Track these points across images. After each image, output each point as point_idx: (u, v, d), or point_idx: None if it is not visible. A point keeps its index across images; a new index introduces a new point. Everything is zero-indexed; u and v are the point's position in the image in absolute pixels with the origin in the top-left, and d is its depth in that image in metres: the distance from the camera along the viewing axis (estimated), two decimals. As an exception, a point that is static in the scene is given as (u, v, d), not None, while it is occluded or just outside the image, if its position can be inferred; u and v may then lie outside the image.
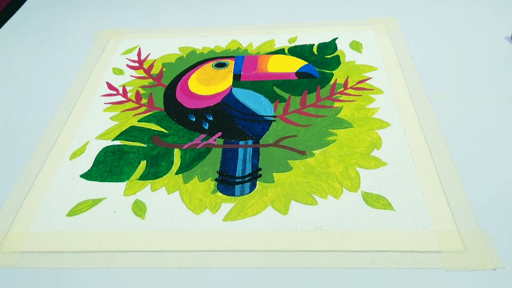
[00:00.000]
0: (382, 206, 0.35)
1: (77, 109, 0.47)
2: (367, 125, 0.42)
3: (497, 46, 0.51)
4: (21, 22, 0.65)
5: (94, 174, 0.40)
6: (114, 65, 0.54)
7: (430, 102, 0.44)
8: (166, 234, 0.35)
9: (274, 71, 0.50)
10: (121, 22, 0.62)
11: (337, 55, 0.52)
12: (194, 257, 0.33)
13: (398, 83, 0.47)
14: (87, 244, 0.34)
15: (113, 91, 0.50)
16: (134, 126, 0.45)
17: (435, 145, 0.40)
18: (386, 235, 0.33)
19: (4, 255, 0.34)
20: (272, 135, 0.42)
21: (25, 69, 0.55)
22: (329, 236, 0.33)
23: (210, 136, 0.43)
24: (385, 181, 0.37)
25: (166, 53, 0.55)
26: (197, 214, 0.36)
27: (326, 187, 0.37)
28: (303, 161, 0.39)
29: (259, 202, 0.36)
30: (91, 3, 0.67)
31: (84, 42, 0.58)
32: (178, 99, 0.48)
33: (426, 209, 0.35)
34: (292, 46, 0.54)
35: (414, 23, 0.56)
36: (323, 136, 0.42)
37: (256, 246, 0.33)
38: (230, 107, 0.46)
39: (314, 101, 0.46)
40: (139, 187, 0.38)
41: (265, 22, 0.59)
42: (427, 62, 0.50)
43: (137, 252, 0.34)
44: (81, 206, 0.37)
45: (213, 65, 0.52)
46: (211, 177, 0.39)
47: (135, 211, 0.37)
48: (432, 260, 0.31)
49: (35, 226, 0.36)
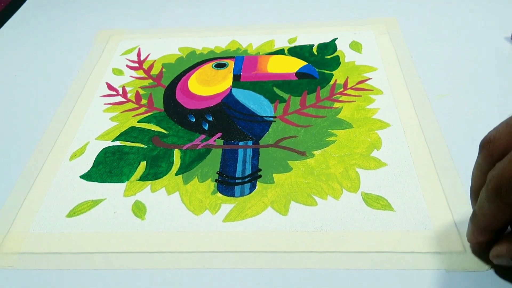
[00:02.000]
0: (382, 207, 0.35)
1: (77, 109, 0.47)
2: (367, 125, 0.42)
3: (497, 46, 0.51)
4: (21, 22, 0.65)
5: (94, 175, 0.40)
6: (114, 66, 0.54)
7: (430, 102, 0.44)
8: (166, 235, 0.35)
9: (274, 72, 0.50)
10: (121, 22, 0.62)
11: (337, 55, 0.52)
12: (194, 258, 0.33)
13: (398, 83, 0.47)
14: (87, 245, 0.34)
15: (113, 91, 0.50)
16: (134, 127, 0.45)
17: (435, 145, 0.40)
18: (386, 236, 0.33)
19: (4, 256, 0.34)
20: (272, 135, 0.42)
21: (24, 69, 0.55)
22: (329, 237, 0.34)
23: (210, 137, 0.43)
24: (385, 182, 0.37)
25: (166, 54, 0.55)
26: (197, 215, 0.36)
27: (326, 188, 0.37)
28: (303, 161, 0.39)
29: (259, 203, 0.36)
30: (91, 3, 0.67)
31: (84, 42, 0.58)
32: (178, 100, 0.48)
33: (426, 209, 0.35)
34: (292, 47, 0.54)
35: (414, 23, 0.56)
36: (323, 136, 0.42)
37: (256, 247, 0.33)
38: (230, 107, 0.46)
39: (314, 101, 0.46)
40: (139, 188, 0.38)
41: (265, 23, 0.59)
42: (427, 62, 0.50)
43: (137, 253, 0.34)
44: (81, 207, 0.37)
45: (213, 66, 0.52)
46: (211, 177, 0.39)
47: (135, 212, 0.37)
48: (432, 261, 0.31)
49: (35, 227, 0.36)
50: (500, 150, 0.26)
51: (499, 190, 0.25)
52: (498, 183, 0.25)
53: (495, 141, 0.26)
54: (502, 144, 0.26)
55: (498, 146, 0.26)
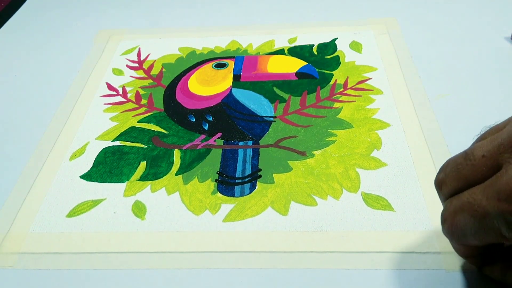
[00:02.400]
0: (382, 207, 0.35)
1: (77, 109, 0.47)
2: (367, 125, 0.42)
3: (497, 46, 0.51)
4: (21, 22, 0.65)
5: (94, 175, 0.40)
6: (114, 66, 0.54)
7: (430, 102, 0.44)
8: (166, 235, 0.35)
9: (274, 72, 0.50)
10: (121, 22, 0.62)
11: (337, 55, 0.52)
12: (194, 258, 0.33)
13: (398, 83, 0.47)
14: (87, 245, 0.34)
15: (113, 91, 0.50)
16: (134, 127, 0.45)
17: (435, 145, 0.40)
18: (386, 236, 0.33)
19: (4, 256, 0.34)
20: (272, 135, 0.42)
21: (24, 69, 0.55)
22: (329, 237, 0.34)
23: (210, 137, 0.43)
24: (385, 182, 0.37)
25: (166, 54, 0.55)
26: (197, 215, 0.36)
27: (326, 188, 0.37)
28: (303, 161, 0.39)
29: (259, 203, 0.36)
30: (91, 3, 0.67)
31: (84, 42, 0.58)
32: (178, 100, 0.48)
33: (426, 209, 0.35)
34: (292, 47, 0.54)
35: (414, 23, 0.56)
36: (323, 136, 0.42)
37: (256, 247, 0.33)
38: (230, 107, 0.46)
39: (314, 101, 0.46)
40: (139, 188, 0.38)
41: (265, 23, 0.59)
42: (427, 62, 0.50)
43: (137, 253, 0.34)
44: (81, 207, 0.37)
45: (213, 66, 0.52)
46: (211, 178, 0.39)
47: (135, 212, 0.37)
48: (432, 261, 0.31)
49: (35, 227, 0.36)
50: (451, 193, 0.26)
51: (452, 234, 0.26)
52: (450, 228, 0.25)
53: (446, 183, 0.26)
54: (452, 188, 0.25)
55: (449, 190, 0.26)
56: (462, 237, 0.25)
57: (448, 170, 0.26)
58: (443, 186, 0.26)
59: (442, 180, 0.26)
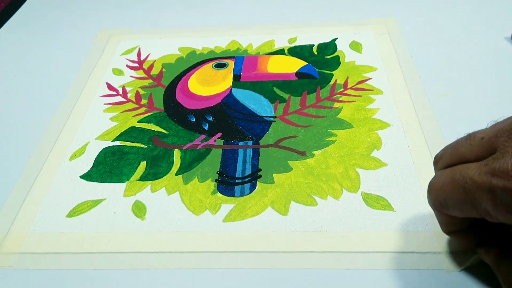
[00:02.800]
0: (382, 207, 0.35)
1: (77, 109, 0.47)
2: (367, 125, 0.42)
3: (497, 46, 0.51)
4: (21, 22, 0.65)
5: (94, 175, 0.40)
6: (114, 66, 0.54)
7: (430, 102, 0.44)
8: (166, 235, 0.35)
9: (274, 72, 0.50)
10: (121, 22, 0.62)
11: (337, 55, 0.52)
12: (194, 258, 0.33)
13: (398, 83, 0.47)
14: (87, 245, 0.34)
15: (113, 91, 0.50)
16: (134, 127, 0.45)
17: (435, 145, 0.40)
18: (386, 236, 0.33)
19: (4, 256, 0.34)
20: (272, 135, 0.42)
21: (24, 69, 0.55)
22: (329, 237, 0.34)
23: (210, 137, 0.43)
24: (385, 182, 0.37)
25: (166, 54, 0.55)
26: (197, 215, 0.36)
27: (326, 188, 0.37)
28: (303, 161, 0.39)
29: (259, 203, 0.36)
30: (91, 3, 0.67)
31: (84, 42, 0.58)
32: (178, 100, 0.48)
33: (426, 209, 0.35)
34: (292, 47, 0.54)
35: (414, 23, 0.56)
36: (323, 136, 0.42)
37: (256, 247, 0.33)
38: (230, 107, 0.46)
39: (314, 101, 0.46)
40: (139, 188, 0.38)
41: (265, 23, 0.59)
42: (427, 62, 0.50)
43: (137, 253, 0.34)
44: (81, 207, 0.37)
45: (213, 66, 0.52)
46: (211, 177, 0.39)
47: (135, 212, 0.37)
48: (432, 261, 0.31)
49: (35, 227, 0.36)
50: (444, 166, 0.27)
51: (435, 201, 0.27)
52: (435, 195, 0.27)
53: (442, 158, 0.28)
54: (447, 162, 0.27)
55: (443, 163, 0.28)
56: (444, 205, 0.27)
57: (449, 148, 0.28)
58: (439, 160, 0.28)
59: (440, 156, 0.28)
